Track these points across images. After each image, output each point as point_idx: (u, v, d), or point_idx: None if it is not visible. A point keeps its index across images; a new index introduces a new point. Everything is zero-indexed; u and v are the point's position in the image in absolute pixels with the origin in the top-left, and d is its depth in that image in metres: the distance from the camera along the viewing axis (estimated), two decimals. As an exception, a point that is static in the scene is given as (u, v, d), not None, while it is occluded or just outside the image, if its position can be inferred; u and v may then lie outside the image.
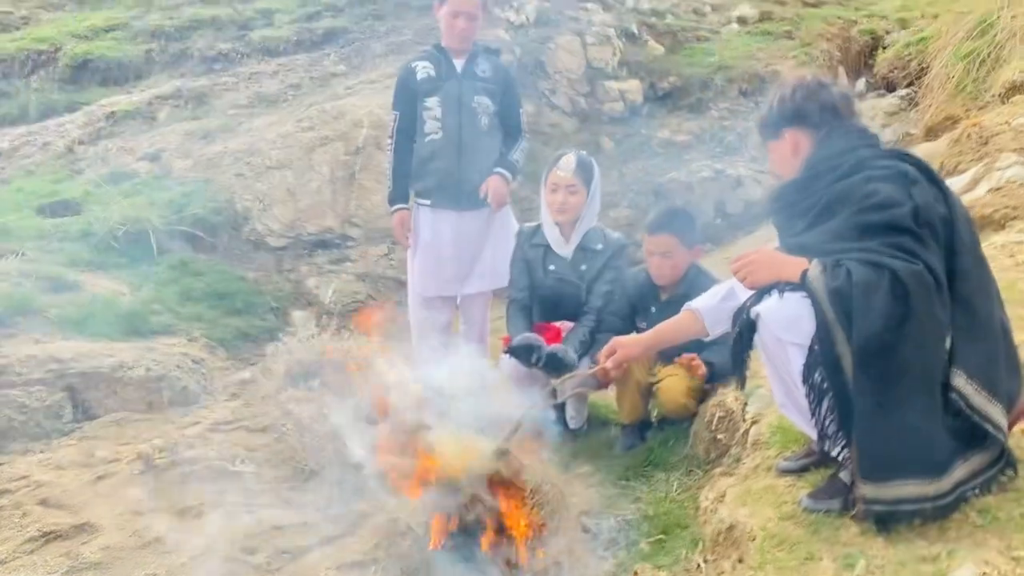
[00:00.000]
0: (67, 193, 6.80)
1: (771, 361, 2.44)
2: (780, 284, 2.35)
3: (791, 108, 2.58)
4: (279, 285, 6.28)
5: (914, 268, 2.16)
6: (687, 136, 8.93)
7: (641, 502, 3.41)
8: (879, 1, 12.52)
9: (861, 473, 2.24)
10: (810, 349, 2.28)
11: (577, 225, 4.11)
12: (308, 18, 9.16)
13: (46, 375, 4.46)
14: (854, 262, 2.22)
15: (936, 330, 2.18)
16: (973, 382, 2.18)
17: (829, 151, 2.50)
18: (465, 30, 4.12)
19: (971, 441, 2.22)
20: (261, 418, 4.41)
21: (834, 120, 2.56)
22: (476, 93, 4.19)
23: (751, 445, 3.15)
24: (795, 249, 2.42)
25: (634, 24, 9.75)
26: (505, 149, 4.34)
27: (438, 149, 4.22)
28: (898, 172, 2.35)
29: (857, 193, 2.33)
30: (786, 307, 2.31)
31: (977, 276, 2.31)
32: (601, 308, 4.01)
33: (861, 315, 2.16)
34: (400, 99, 4.31)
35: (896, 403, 2.17)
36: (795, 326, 2.30)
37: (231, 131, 7.29)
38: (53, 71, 8.80)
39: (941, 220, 2.30)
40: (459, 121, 4.18)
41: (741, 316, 2.45)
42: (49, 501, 3.57)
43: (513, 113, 4.33)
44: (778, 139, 2.60)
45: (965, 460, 2.22)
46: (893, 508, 2.20)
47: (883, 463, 2.21)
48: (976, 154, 5.85)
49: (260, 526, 3.36)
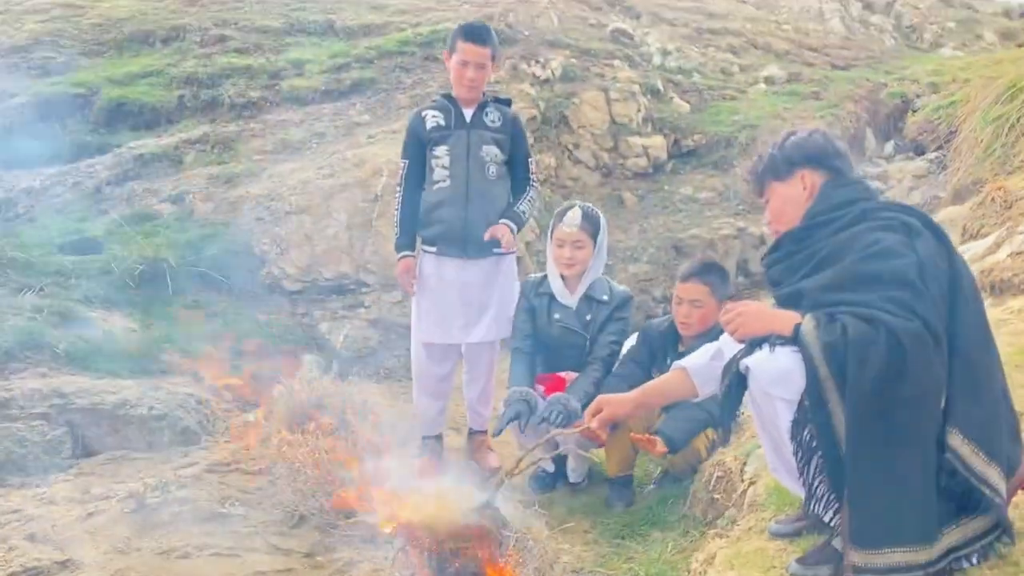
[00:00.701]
0: (90, 232, 6.90)
1: (759, 416, 2.36)
2: (771, 337, 2.29)
3: (810, 147, 2.52)
4: (291, 329, 6.29)
5: (911, 326, 2.08)
6: (710, 193, 8.90)
7: (634, 562, 3.31)
8: (911, 65, 12.53)
9: (852, 539, 2.15)
10: (799, 405, 2.21)
11: (583, 277, 4.09)
12: (337, 69, 9.31)
13: (48, 410, 4.46)
14: (849, 317, 2.15)
15: (933, 390, 2.10)
16: (970, 442, 2.09)
17: (831, 202, 2.45)
18: (473, 79, 4.13)
19: (967, 505, 2.12)
20: (258, 461, 4.38)
21: (844, 168, 2.52)
22: (484, 142, 4.20)
23: (747, 506, 3.06)
24: (790, 298, 2.35)
25: (659, 81, 9.81)
26: (513, 199, 4.32)
27: (446, 197, 4.21)
28: (902, 223, 2.29)
29: (859, 242, 2.28)
30: (776, 361, 2.24)
31: (978, 335, 2.23)
32: (606, 359, 3.96)
33: (855, 373, 2.09)
34: (409, 147, 4.33)
35: (890, 464, 2.08)
36: (785, 381, 2.22)
37: (254, 176, 7.38)
38: (88, 114, 8.99)
39: (944, 276, 2.23)
40: (467, 170, 4.18)
41: (731, 369, 2.38)
42: (36, 536, 3.53)
43: (521, 162, 4.33)
44: (787, 180, 2.52)
45: (959, 525, 2.12)
46: (884, 577, 2.10)
47: (875, 528, 2.11)
48: (1000, 218, 5.76)
49: (243, 570, 3.31)
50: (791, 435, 2.23)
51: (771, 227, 2.63)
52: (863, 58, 12.75)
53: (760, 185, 2.62)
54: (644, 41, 10.92)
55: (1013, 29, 16.55)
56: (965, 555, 2.15)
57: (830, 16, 14.28)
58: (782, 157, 2.53)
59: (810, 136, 2.54)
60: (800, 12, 14.25)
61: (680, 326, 3.92)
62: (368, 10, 10.79)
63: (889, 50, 13.96)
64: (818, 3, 14.53)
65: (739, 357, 2.36)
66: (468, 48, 4.11)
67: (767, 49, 11.95)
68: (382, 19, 10.46)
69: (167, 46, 10.10)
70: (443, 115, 4.23)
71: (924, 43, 15.32)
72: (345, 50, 9.64)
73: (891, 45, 14.51)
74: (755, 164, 2.63)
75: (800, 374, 2.19)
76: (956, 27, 16.46)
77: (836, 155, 2.52)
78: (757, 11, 13.69)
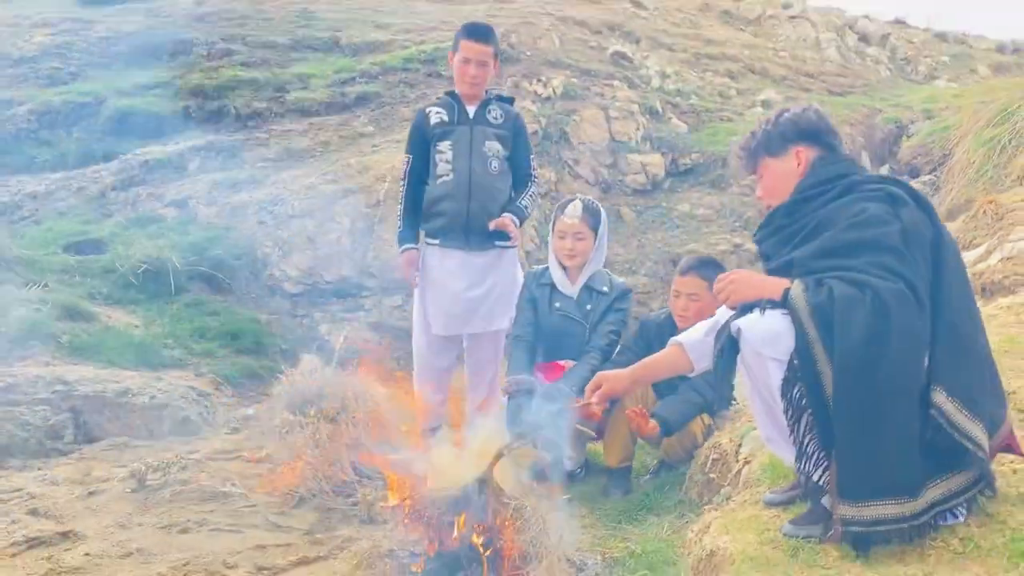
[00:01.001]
0: (94, 233, 6.98)
1: (751, 379, 2.42)
2: (762, 302, 2.36)
3: (805, 124, 2.59)
4: (291, 329, 6.35)
5: (895, 287, 2.17)
6: (707, 210, 9.00)
7: (631, 542, 3.35)
8: (905, 94, 12.74)
9: (840, 492, 2.21)
10: (789, 364, 2.27)
11: (584, 268, 4.17)
12: (342, 83, 9.44)
13: (51, 396, 4.51)
14: (836, 280, 2.23)
15: (916, 347, 2.17)
16: (954, 400, 2.16)
17: (821, 176, 2.53)
18: (476, 76, 4.21)
19: (951, 461, 2.18)
20: (259, 451, 4.42)
21: (836, 144, 2.60)
22: (487, 138, 4.27)
23: (742, 484, 3.10)
24: (781, 269, 2.43)
25: (658, 102, 9.96)
26: (515, 194, 4.40)
27: (449, 191, 4.27)
28: (887, 194, 2.38)
29: (847, 212, 2.36)
30: (767, 323, 2.31)
31: (961, 298, 2.30)
32: (604, 348, 4.02)
33: (842, 331, 2.16)
34: (413, 143, 4.40)
35: (876, 420, 2.14)
36: (775, 341, 2.29)
37: (258, 182, 7.48)
38: (95, 123, 9.11)
39: (928, 243, 2.30)
40: (469, 164, 4.25)
41: (723, 333, 2.44)
42: (39, 511, 3.57)
43: (523, 159, 4.41)
44: (782, 155, 2.59)
45: (944, 479, 2.18)
46: (871, 529, 2.16)
47: (862, 482, 2.17)
48: (991, 229, 5.87)
49: (243, 544, 3.34)
50: (781, 393, 2.29)
51: (764, 201, 2.70)
52: (859, 86, 12.94)
53: (753, 160, 2.68)
54: (643, 64, 11.09)
55: (1006, 64, 16.80)
56: (951, 508, 2.21)
57: (827, 45, 14.50)
58: (777, 133, 2.61)
59: (804, 112, 2.62)
60: (797, 40, 14.47)
61: (677, 319, 3.98)
62: (373, 28, 10.96)
63: (884, 80, 14.16)
64: (815, 32, 14.76)
65: (730, 321, 2.43)
66: (470, 46, 4.20)
67: (764, 74, 12.12)
68: (387, 37, 10.62)
69: (174, 59, 10.25)
70: (446, 111, 4.31)
71: (919, 75, 15.55)
72: (350, 65, 9.79)
73: (886, 76, 14.71)
74: (748, 140, 2.70)
75: (789, 335, 2.26)
76: (950, 61, 16.72)
77: (828, 132, 2.61)
78: (755, 38, 13.90)
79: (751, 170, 2.72)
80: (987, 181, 7.84)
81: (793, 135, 2.59)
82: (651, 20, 13.29)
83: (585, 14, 12.40)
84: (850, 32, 15.84)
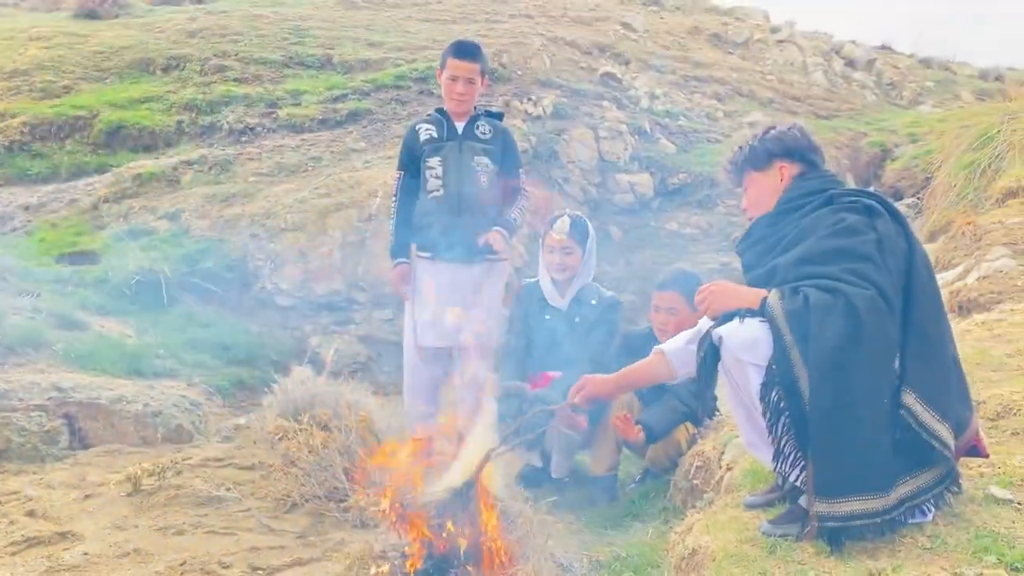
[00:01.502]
0: (87, 245, 7.05)
1: (732, 385, 2.53)
2: (740, 311, 2.47)
3: (789, 141, 2.73)
4: (282, 341, 6.43)
5: (867, 293, 2.29)
6: (694, 229, 9.15)
7: (616, 547, 3.43)
8: (890, 118, 12.97)
9: (815, 490, 2.31)
10: (768, 369, 2.38)
11: (573, 281, 4.28)
12: (334, 100, 9.56)
13: (46, 402, 4.57)
14: (811, 288, 2.35)
15: (887, 350, 2.29)
16: (922, 401, 2.27)
17: (802, 190, 2.66)
18: (463, 94, 4.33)
19: (919, 459, 2.29)
20: (251, 459, 4.49)
21: (818, 161, 2.73)
22: (476, 153, 4.38)
23: (724, 490, 3.20)
24: (763, 277, 2.54)
25: (647, 123, 10.12)
26: (505, 208, 4.49)
27: (439, 205, 4.37)
28: (864, 206, 2.50)
29: (825, 222, 2.49)
30: (746, 330, 2.42)
31: (930, 307, 2.42)
32: (593, 358, 4.12)
33: (816, 335, 2.28)
34: (404, 159, 4.52)
35: (848, 419, 2.25)
36: (754, 348, 2.40)
37: (250, 196, 7.56)
38: (87, 136, 9.18)
39: (901, 253, 2.43)
40: (459, 179, 4.35)
41: (705, 341, 2.55)
42: (36, 513, 3.64)
43: (512, 173, 4.51)
44: (766, 170, 2.73)
45: (912, 477, 2.29)
46: (845, 524, 2.26)
47: (836, 479, 2.28)
48: (969, 249, 6.03)
49: (238, 545, 3.41)
50: (760, 396, 2.40)
51: (747, 214, 2.83)
52: (845, 110, 13.17)
53: (739, 174, 2.82)
54: (632, 85, 11.27)
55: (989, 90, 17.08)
56: (920, 504, 2.32)
57: (813, 69, 14.74)
58: (762, 149, 2.74)
59: (789, 130, 2.76)
60: (784, 64, 14.70)
61: (657, 332, 4.08)
62: (365, 46, 11.09)
63: (870, 105, 14.40)
64: (802, 56, 15.00)
65: (711, 329, 2.54)
66: (457, 64, 4.32)
67: (751, 97, 12.33)
68: (379, 55, 10.76)
69: (167, 74, 10.34)
70: (436, 128, 4.43)
71: (903, 100, 15.81)
72: (342, 82, 9.91)
73: (872, 100, 14.96)
74: (736, 155, 2.83)
75: (767, 341, 2.38)
76: (934, 86, 17.00)
77: (811, 149, 2.74)
78: (743, 61, 14.12)
79: (736, 183, 2.85)
80: (967, 203, 8.02)
81: (778, 151, 2.73)
82: (641, 42, 13.48)
83: (575, 35, 12.58)
84: (837, 57, 16.10)
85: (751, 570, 2.33)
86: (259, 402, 5.55)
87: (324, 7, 13.23)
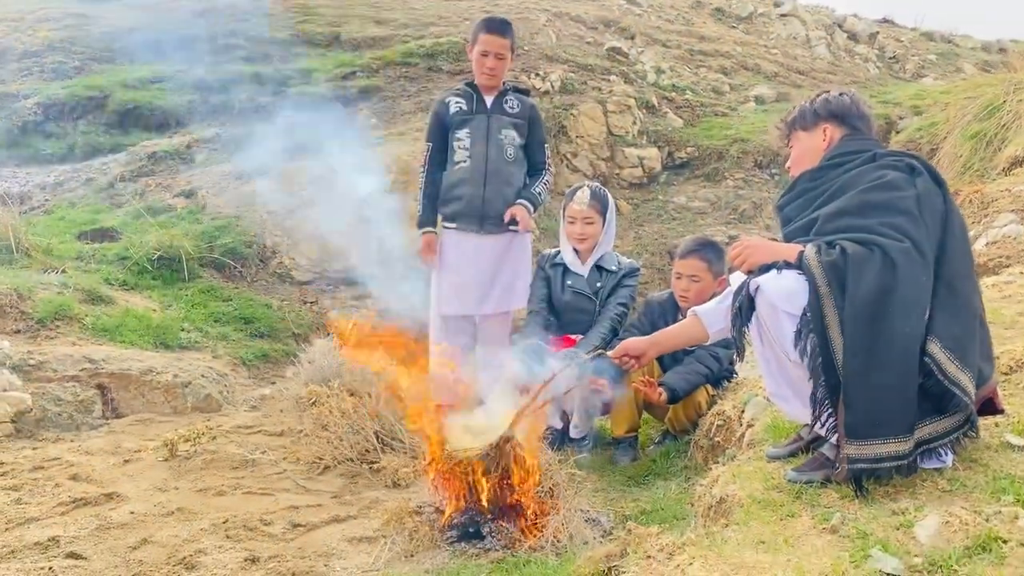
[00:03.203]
0: (106, 223, 7.15)
1: (764, 334, 2.63)
2: (778, 263, 2.58)
3: (836, 105, 2.85)
4: (302, 315, 6.54)
5: (903, 246, 2.40)
6: (702, 203, 9.25)
7: (640, 502, 3.56)
8: (894, 90, 13.01)
9: (846, 432, 2.42)
10: (802, 317, 2.50)
11: (595, 250, 4.39)
12: (343, 77, 9.64)
13: (80, 372, 4.69)
14: (847, 242, 2.46)
15: (919, 301, 2.40)
16: (946, 350, 2.38)
17: (848, 148, 2.77)
18: (493, 68, 4.41)
19: (940, 406, 2.41)
20: (279, 425, 4.62)
21: (863, 128, 2.84)
22: (503, 127, 4.47)
23: (746, 445, 3.32)
24: (802, 229, 2.65)
25: (654, 97, 10.19)
26: (529, 181, 4.57)
27: (466, 176, 4.46)
28: (906, 164, 2.61)
29: (867, 176, 2.60)
30: (783, 280, 2.53)
31: (962, 264, 2.53)
32: (614, 319, 4.24)
33: (854, 285, 2.39)
34: (433, 131, 4.59)
35: (881, 367, 2.36)
36: (790, 298, 2.51)
37: (264, 173, 7.65)
38: (100, 116, 9.28)
39: (938, 212, 2.53)
40: (486, 151, 4.43)
41: (740, 292, 2.66)
42: (79, 476, 3.76)
43: (538, 147, 4.60)
44: (811, 130, 2.85)
45: (933, 422, 2.41)
46: (874, 466, 2.38)
47: (866, 422, 2.39)
48: (977, 217, 6.12)
49: (276, 505, 3.53)
50: (794, 342, 2.52)
51: (791, 171, 2.95)
52: (848, 83, 13.22)
53: (787, 132, 2.94)
54: (639, 60, 11.33)
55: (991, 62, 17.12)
56: (937, 448, 2.44)
57: (816, 43, 14.77)
58: (811, 110, 2.88)
59: (840, 96, 2.88)
60: (788, 38, 14.73)
61: (679, 299, 4.20)
62: (372, 24, 11.15)
63: (873, 78, 14.45)
64: (805, 30, 15.03)
65: (748, 281, 2.65)
66: (489, 39, 4.40)
67: (756, 71, 12.38)
68: (386, 32, 10.82)
69: (177, 54, 10.40)
70: (465, 101, 4.51)
71: (906, 73, 15.86)
72: (351, 60, 9.99)
73: (875, 73, 15.01)
74: (787, 114, 2.97)
75: (803, 293, 2.49)
76: (937, 59, 17.03)
77: (858, 116, 2.85)
78: (746, 35, 14.16)
79: (784, 142, 2.97)
80: (974, 173, 8.10)
81: (824, 113, 2.85)
82: (645, 17, 13.52)
83: (580, 10, 12.63)
84: (839, 30, 16.13)
85: (779, 513, 2.45)
86: (282, 374, 5.69)
87: (329, -15, 13.26)
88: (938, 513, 2.22)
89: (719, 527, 2.62)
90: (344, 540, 3.22)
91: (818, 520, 2.35)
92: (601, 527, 3.27)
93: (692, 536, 2.45)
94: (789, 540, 2.24)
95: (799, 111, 2.90)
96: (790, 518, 2.41)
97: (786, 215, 2.80)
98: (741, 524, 2.45)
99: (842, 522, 2.29)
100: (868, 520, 2.28)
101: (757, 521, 2.43)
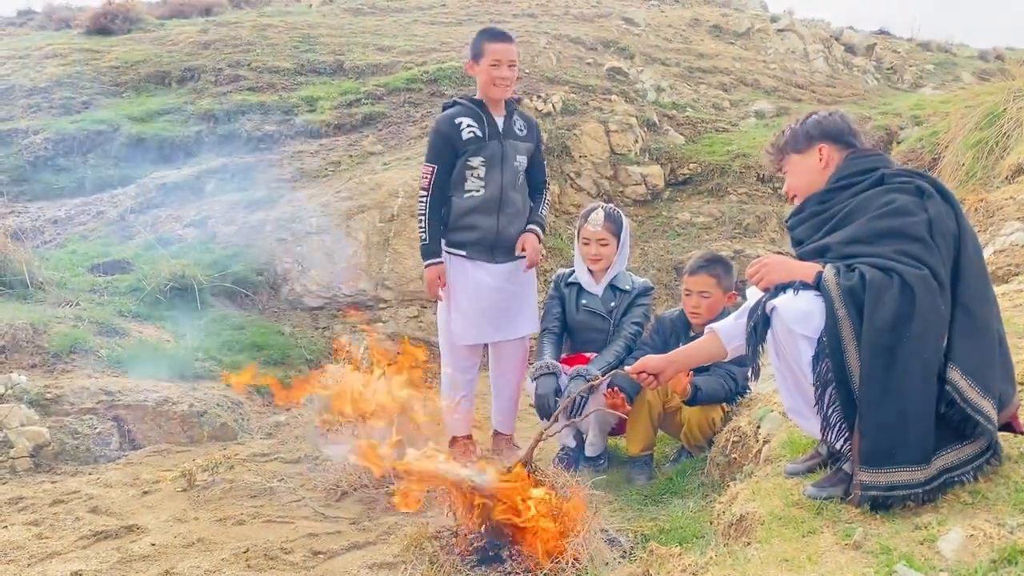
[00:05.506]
0: (118, 255, 7.20)
1: (781, 354, 2.65)
2: (795, 283, 2.59)
3: (827, 125, 2.85)
4: (314, 340, 6.58)
5: (920, 273, 2.39)
6: (706, 218, 9.29)
7: (658, 521, 3.57)
8: (893, 101, 13.07)
9: (861, 459, 2.43)
10: (819, 341, 2.50)
11: (608, 270, 4.42)
12: (348, 104, 9.72)
13: (96, 405, 4.73)
14: (866, 266, 2.46)
15: (937, 328, 2.40)
16: (967, 377, 2.37)
17: (854, 168, 2.76)
18: (507, 78, 4.25)
19: (962, 433, 2.41)
20: (296, 453, 4.65)
21: (857, 144, 2.85)
22: (518, 152, 4.39)
23: (763, 461, 3.33)
24: (814, 253, 2.67)
25: (655, 115, 10.25)
26: (533, 202, 4.53)
27: (479, 205, 4.33)
28: (916, 187, 2.60)
29: (876, 202, 2.60)
30: (800, 302, 2.54)
31: (978, 286, 2.51)
32: (629, 337, 4.26)
33: (872, 311, 2.39)
34: (440, 152, 4.32)
35: (897, 392, 2.36)
36: (807, 320, 2.52)
37: (274, 201, 7.72)
38: (109, 149, 9.36)
39: (951, 234, 2.52)
40: (501, 180, 4.33)
41: (756, 311, 2.67)
42: (99, 509, 3.78)
43: (539, 166, 4.57)
44: (806, 152, 2.85)
45: (954, 449, 2.41)
46: (887, 493, 2.39)
47: (881, 449, 2.39)
48: (983, 225, 6.14)
49: (296, 532, 3.55)
50: (812, 367, 2.53)
51: (788, 194, 2.96)
52: (848, 95, 13.30)
53: (780, 157, 2.94)
54: (639, 79, 11.41)
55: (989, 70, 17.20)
56: (959, 475, 2.44)
57: (814, 56, 14.85)
58: (803, 132, 2.88)
59: (830, 116, 2.89)
60: (786, 53, 14.82)
61: (690, 315, 4.23)
62: (375, 51, 11.26)
63: (872, 89, 14.52)
64: (802, 44, 15.12)
65: (764, 300, 2.66)
66: (498, 48, 4.22)
67: (756, 86, 12.46)
68: (389, 59, 10.92)
69: (183, 86, 10.54)
70: (477, 124, 4.32)
71: (904, 84, 15.93)
72: (355, 87, 10.08)
73: (874, 85, 15.07)
74: (777, 138, 2.96)
75: (820, 315, 2.49)
76: (935, 69, 17.12)
77: (851, 133, 2.86)
78: (745, 51, 14.24)
79: (777, 166, 2.98)
80: (977, 182, 8.13)
81: (817, 134, 2.86)
82: (644, 36, 13.62)
83: (579, 32, 12.73)
84: (836, 43, 16.22)
85: (801, 530, 2.47)
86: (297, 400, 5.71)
87: (331, 15, 13.42)
88: (961, 527, 2.23)
89: (740, 545, 2.63)
90: (364, 567, 3.23)
91: (840, 536, 2.36)
92: (620, 547, 3.28)
93: (714, 556, 2.47)
94: (812, 557, 2.25)
95: (791, 134, 2.90)
96: (812, 535, 2.43)
97: (796, 236, 2.81)
98: (763, 542, 2.47)
99: (865, 538, 2.31)
100: (891, 535, 2.30)
101: (779, 539, 2.45)
